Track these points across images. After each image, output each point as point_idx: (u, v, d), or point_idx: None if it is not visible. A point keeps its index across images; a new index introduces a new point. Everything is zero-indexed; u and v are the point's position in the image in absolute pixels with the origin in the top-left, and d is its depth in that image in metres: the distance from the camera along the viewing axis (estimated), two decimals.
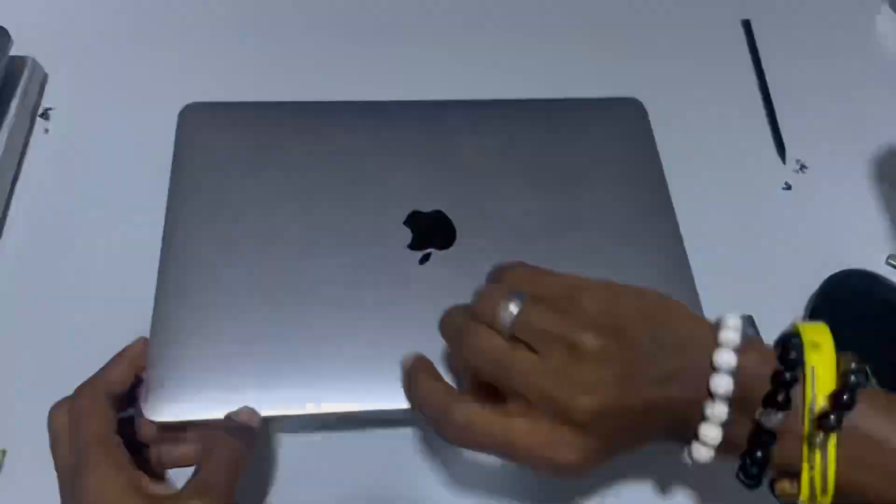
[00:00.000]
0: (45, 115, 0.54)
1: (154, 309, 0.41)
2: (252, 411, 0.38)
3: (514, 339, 0.33)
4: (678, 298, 0.44)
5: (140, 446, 0.39)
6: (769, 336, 0.48)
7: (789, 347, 0.32)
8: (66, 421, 0.36)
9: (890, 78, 0.63)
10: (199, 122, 0.48)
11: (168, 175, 0.47)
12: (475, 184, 0.47)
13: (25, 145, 0.52)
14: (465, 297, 0.42)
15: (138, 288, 0.43)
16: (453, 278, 0.43)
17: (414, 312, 0.42)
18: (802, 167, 0.57)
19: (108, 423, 0.36)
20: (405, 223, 0.45)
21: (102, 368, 0.39)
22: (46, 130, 0.54)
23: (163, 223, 0.45)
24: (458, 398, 0.34)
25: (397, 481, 0.42)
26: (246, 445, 0.36)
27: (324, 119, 0.49)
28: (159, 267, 0.43)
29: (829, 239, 0.54)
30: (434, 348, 0.40)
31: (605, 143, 0.50)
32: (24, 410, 0.42)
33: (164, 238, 0.44)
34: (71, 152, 0.53)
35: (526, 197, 0.47)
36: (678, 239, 0.47)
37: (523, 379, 0.32)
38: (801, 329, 0.33)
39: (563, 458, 0.31)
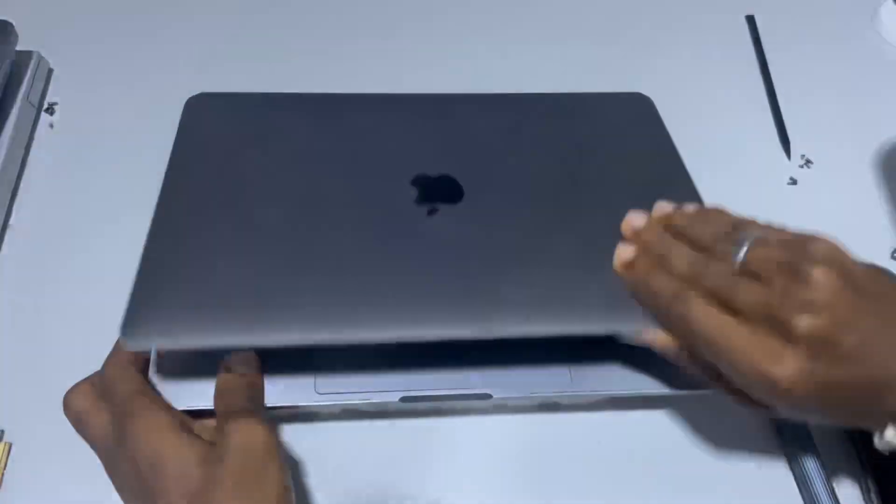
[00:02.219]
0: (50, 110, 0.54)
1: (143, 248, 0.40)
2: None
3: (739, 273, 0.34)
4: None
5: None
6: None
7: None
8: (88, 400, 0.36)
9: (892, 69, 0.63)
10: (203, 109, 0.48)
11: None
12: (484, 155, 0.46)
13: (30, 140, 0.52)
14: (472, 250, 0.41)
15: None
16: (461, 231, 0.42)
17: (419, 262, 0.40)
18: (808, 162, 0.57)
19: (142, 382, 0.36)
20: (412, 183, 0.44)
21: (117, 344, 0.38)
22: (51, 125, 0.54)
23: None
24: (686, 288, 0.35)
25: (396, 472, 0.42)
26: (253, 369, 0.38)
27: (332, 109, 0.49)
28: (154, 214, 0.41)
29: (834, 233, 0.53)
30: (443, 293, 0.39)
31: (618, 125, 0.50)
32: (30, 404, 0.43)
33: (160, 194, 0.42)
34: (76, 147, 0.53)
35: (535, 164, 0.46)
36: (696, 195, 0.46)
37: (747, 297, 0.33)
38: None
39: (777, 370, 0.31)
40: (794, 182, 0.56)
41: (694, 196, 0.46)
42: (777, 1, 0.66)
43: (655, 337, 0.37)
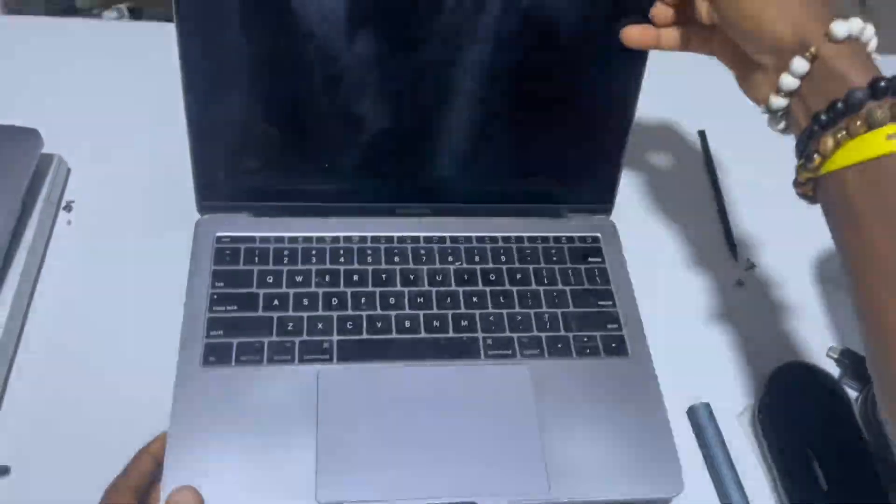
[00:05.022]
0: (68, 208, 0.59)
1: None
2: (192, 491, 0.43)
3: None
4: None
5: None
6: (725, 426, 0.54)
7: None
8: None
9: None
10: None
11: (181, 262, 0.53)
12: None
13: (50, 235, 0.57)
14: None
15: (156, 374, 0.48)
16: None
17: None
18: (752, 266, 0.64)
19: None
20: None
21: (128, 466, 0.44)
22: (69, 222, 0.58)
23: (178, 311, 0.50)
24: None
25: None
26: None
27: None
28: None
29: (776, 332, 0.60)
30: None
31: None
32: (34, 445, 0.46)
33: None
34: (91, 242, 0.57)
35: None
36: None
37: None
38: None
39: None
40: (741, 284, 0.63)
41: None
42: (726, 117, 0.73)
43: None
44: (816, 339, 0.60)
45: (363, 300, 0.53)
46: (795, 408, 0.54)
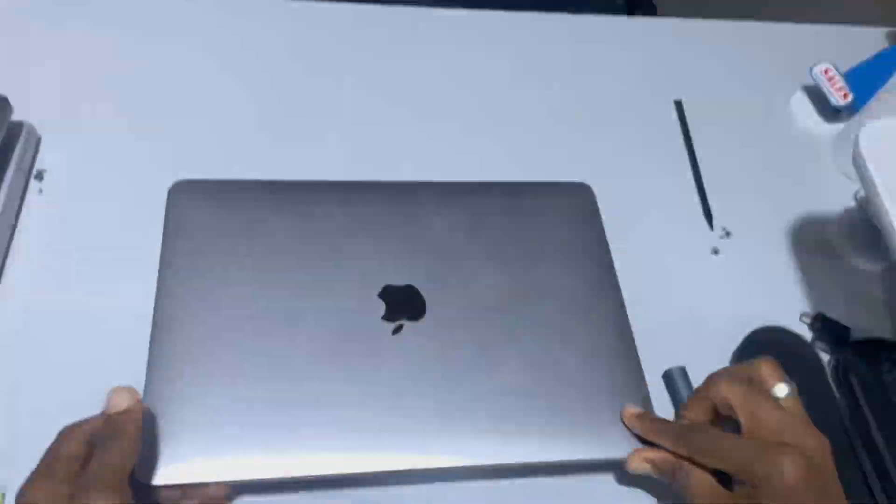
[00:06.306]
0: (39, 177, 0.58)
1: (147, 378, 0.46)
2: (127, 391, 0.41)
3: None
4: (621, 366, 0.52)
5: None
6: (698, 382, 0.54)
7: None
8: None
9: (803, 152, 0.72)
10: (187, 199, 0.54)
11: (155, 232, 0.52)
12: (442, 260, 0.53)
13: (21, 205, 0.56)
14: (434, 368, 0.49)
15: (130, 345, 0.48)
16: (423, 348, 0.49)
17: (387, 380, 0.48)
18: (727, 234, 0.64)
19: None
20: (379, 295, 0.50)
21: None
22: (40, 191, 0.57)
23: (152, 281, 0.50)
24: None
25: None
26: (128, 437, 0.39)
27: (304, 198, 0.55)
28: (150, 340, 0.48)
29: (750, 298, 0.61)
30: (405, 415, 0.47)
31: (559, 222, 0.58)
32: (24, 455, 0.46)
33: (154, 312, 0.49)
34: (63, 212, 0.57)
35: (488, 273, 0.54)
36: (623, 312, 0.55)
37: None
38: None
39: None
40: (716, 252, 0.63)
41: (618, 303, 0.55)
42: (703, 88, 0.74)
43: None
44: (789, 304, 0.61)
45: None
46: None
